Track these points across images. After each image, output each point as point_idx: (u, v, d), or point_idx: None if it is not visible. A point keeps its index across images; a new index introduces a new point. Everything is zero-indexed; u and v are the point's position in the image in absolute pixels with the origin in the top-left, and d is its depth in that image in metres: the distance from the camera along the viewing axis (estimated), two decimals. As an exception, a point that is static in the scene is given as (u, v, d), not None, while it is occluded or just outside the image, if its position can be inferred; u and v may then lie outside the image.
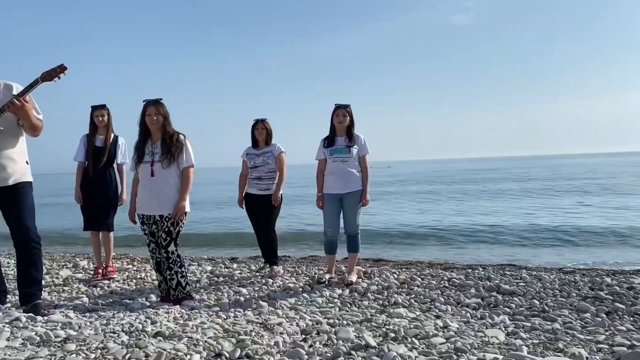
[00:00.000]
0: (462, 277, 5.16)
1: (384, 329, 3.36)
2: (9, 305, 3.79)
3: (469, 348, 2.95)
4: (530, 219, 12.67)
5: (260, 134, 5.66)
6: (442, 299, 4.36)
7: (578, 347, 2.97)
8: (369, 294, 4.58)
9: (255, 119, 5.73)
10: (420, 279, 5.13)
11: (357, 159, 5.05)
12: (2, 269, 3.83)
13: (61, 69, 3.57)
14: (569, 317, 3.70)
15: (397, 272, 5.58)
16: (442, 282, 5.01)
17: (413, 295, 4.53)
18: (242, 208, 5.80)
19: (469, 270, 5.64)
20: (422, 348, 2.97)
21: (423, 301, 4.34)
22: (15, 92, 3.55)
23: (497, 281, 4.93)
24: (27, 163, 3.75)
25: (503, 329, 3.44)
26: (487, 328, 3.47)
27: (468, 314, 3.89)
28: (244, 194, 5.74)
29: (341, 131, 5.07)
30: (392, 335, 3.19)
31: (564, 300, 4.17)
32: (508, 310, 3.97)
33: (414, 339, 3.11)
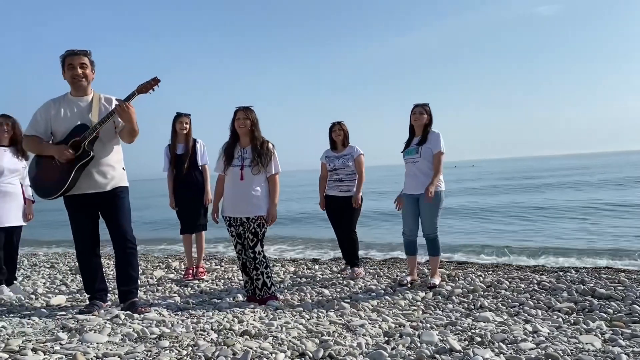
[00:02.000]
0: (553, 280, 4.92)
1: (470, 333, 3.27)
2: (109, 303, 4.06)
3: (561, 354, 2.81)
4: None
5: (338, 135, 5.70)
6: (532, 303, 4.17)
7: (686, 357, 2.74)
8: (454, 297, 4.48)
9: (332, 121, 5.79)
10: (507, 282, 4.94)
11: (431, 159, 4.90)
12: (102, 269, 4.10)
13: (155, 81, 3.77)
14: (675, 324, 3.42)
15: (483, 275, 5.41)
16: (532, 285, 4.80)
17: (500, 299, 4.38)
18: (323, 210, 5.87)
19: (561, 273, 5.36)
20: (510, 353, 2.86)
21: (511, 305, 4.18)
22: (114, 104, 3.79)
23: (592, 285, 4.66)
24: (124, 169, 4.00)
25: (599, 335, 3.24)
26: (581, 334, 3.28)
27: (560, 319, 3.70)
28: (324, 195, 5.81)
29: (419, 130, 4.99)
30: (478, 339, 3.10)
31: (669, 306, 3.86)
32: (605, 315, 3.74)
33: (501, 343, 3.01)
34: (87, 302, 3.97)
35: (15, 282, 5.03)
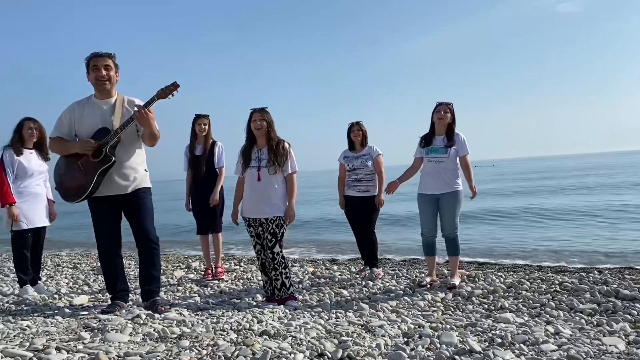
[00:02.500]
0: (575, 281, 4.85)
1: (490, 334, 3.24)
2: (130, 303, 4.12)
3: (584, 356, 2.77)
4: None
5: (357, 136, 5.69)
6: (553, 304, 4.12)
7: None
8: (474, 298, 4.44)
9: (351, 122, 5.79)
10: (528, 283, 4.89)
11: (455, 160, 4.91)
12: (124, 269, 4.16)
13: (174, 86, 3.80)
14: (702, 326, 3.35)
15: (504, 276, 5.36)
16: (553, 286, 4.73)
17: (521, 300, 4.33)
18: (343, 210, 5.87)
19: (583, 274, 5.29)
20: (532, 355, 2.82)
21: (532, 306, 4.13)
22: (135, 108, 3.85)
23: (615, 286, 4.58)
24: (146, 171, 4.04)
25: (623, 337, 3.18)
26: (604, 336, 3.23)
27: (582, 320, 3.64)
28: (343, 196, 5.82)
29: (441, 129, 4.95)
30: (499, 340, 3.07)
31: (696, 308, 3.78)
32: (629, 317, 3.66)
33: (522, 345, 2.97)
34: (109, 302, 4.02)
35: (39, 282, 5.12)
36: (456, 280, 4.91)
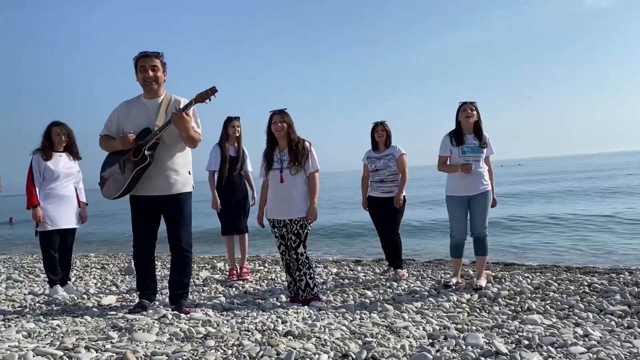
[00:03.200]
0: (604, 283, 4.74)
1: (517, 336, 3.19)
2: (156, 303, 4.17)
3: (614, 359, 2.71)
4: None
5: (380, 136, 5.67)
6: (582, 306, 4.04)
7: None
8: (500, 299, 4.39)
9: (375, 121, 5.77)
10: (556, 284, 4.80)
11: (483, 159, 4.90)
12: (155, 269, 4.21)
13: (212, 91, 3.80)
14: None
15: (531, 277, 5.27)
16: (582, 287, 4.64)
17: (549, 301, 4.26)
18: (366, 210, 5.85)
19: (613, 275, 5.17)
20: (560, 357, 2.78)
21: (560, 307, 4.07)
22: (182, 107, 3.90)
23: (647, 287, 4.47)
24: (190, 173, 4.06)
25: (655, 340, 3.11)
26: (635, 338, 3.16)
27: (612, 322, 3.57)
28: (367, 196, 5.80)
29: (468, 128, 4.90)
30: (526, 342, 3.03)
31: None
32: (661, 319, 3.58)
33: (550, 347, 2.92)
34: (136, 302, 4.08)
35: (69, 282, 5.22)
36: (482, 282, 4.85)
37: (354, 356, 2.75)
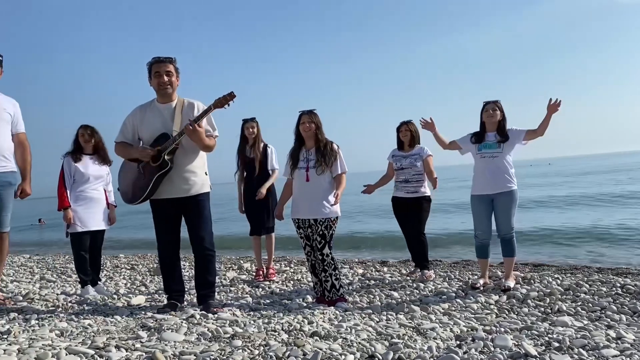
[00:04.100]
0: (638, 284, 4.63)
1: (546, 338, 3.13)
2: (185, 304, 4.22)
3: (649, 363, 2.64)
4: None
5: (405, 135, 5.64)
6: (615, 308, 3.95)
7: None
8: (529, 301, 4.31)
9: (401, 121, 5.74)
10: (587, 285, 4.70)
11: (508, 157, 4.80)
12: (181, 271, 4.27)
13: (230, 96, 3.85)
14: None
15: (561, 278, 5.18)
16: (614, 288, 4.53)
17: (579, 303, 4.17)
18: (366, 192, 5.81)
19: (647, 276, 5.04)
20: (591, 360, 2.72)
21: (591, 309, 3.98)
22: (196, 110, 3.94)
23: (683, 289, 4.34)
24: (206, 174, 4.12)
25: (692, 343, 3.02)
26: (671, 341, 3.07)
27: (647, 325, 3.48)
28: (392, 197, 5.77)
29: (491, 127, 4.85)
30: (556, 344, 2.97)
31: None
32: (698, 322, 3.48)
33: (581, 349, 2.86)
34: (165, 302, 4.14)
35: (99, 282, 5.32)
36: (511, 283, 4.78)
37: (381, 357, 2.74)
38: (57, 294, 5.16)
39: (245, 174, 5.81)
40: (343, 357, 2.69)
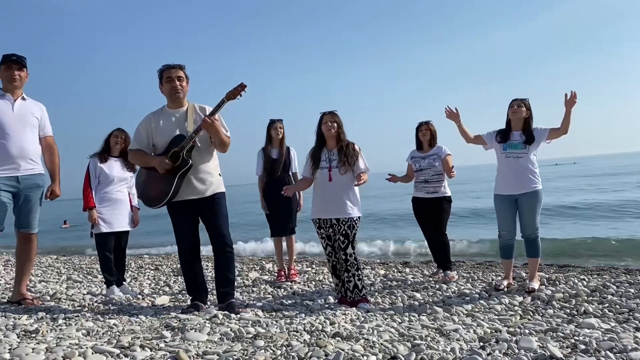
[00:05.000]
0: (667, 285, 4.52)
1: (572, 340, 3.08)
2: (209, 304, 4.26)
3: (679, 366, 2.58)
4: None
5: (424, 135, 5.61)
6: (644, 309, 3.87)
7: None
8: (554, 302, 4.25)
9: (420, 121, 5.71)
10: (615, 287, 4.61)
11: (533, 157, 4.74)
12: (203, 271, 4.30)
13: (242, 87, 3.94)
14: None
15: (587, 279, 5.09)
16: (643, 290, 4.44)
17: (606, 305, 4.10)
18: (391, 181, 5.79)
19: (677, 278, 4.92)
20: (619, 363, 2.67)
21: (619, 311, 3.90)
22: (208, 112, 4.00)
23: None
24: (220, 175, 4.18)
25: None
26: (702, 344, 2.99)
27: (677, 328, 3.39)
28: (412, 198, 5.75)
29: (517, 125, 4.78)
30: (582, 347, 2.92)
31: None
32: None
33: (608, 352, 2.81)
34: (189, 303, 4.18)
35: (124, 283, 5.39)
36: (535, 284, 4.71)
37: (403, 358, 2.73)
38: (84, 294, 5.25)
39: (268, 174, 5.82)
40: (365, 358, 2.68)
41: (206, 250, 4.34)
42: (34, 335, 3.09)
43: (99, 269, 5.92)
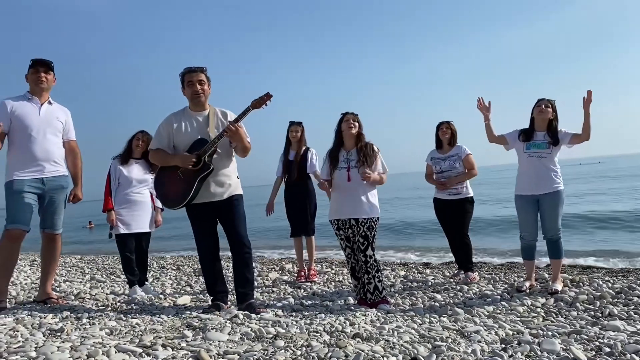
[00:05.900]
0: (696, 288, 4.42)
1: (597, 343, 3.03)
2: (229, 304, 4.29)
3: None
4: None
5: (445, 134, 5.58)
6: (671, 312, 3.78)
7: None
8: (578, 304, 4.18)
9: (440, 121, 5.68)
10: (640, 289, 4.52)
11: (556, 158, 4.68)
12: (223, 272, 4.34)
13: (267, 96, 3.99)
14: None
15: (612, 281, 5.00)
16: (670, 292, 4.34)
17: (632, 307, 4.01)
18: (443, 188, 5.70)
19: None
20: (645, 366, 2.62)
21: (645, 314, 3.82)
22: (230, 118, 4.05)
23: None
24: (238, 178, 4.23)
25: None
26: None
27: None
28: (433, 199, 5.71)
29: (541, 125, 4.72)
30: (607, 350, 2.87)
31: None
32: None
33: (634, 355, 2.76)
34: (210, 303, 4.22)
35: (146, 283, 5.46)
36: (558, 285, 4.64)
37: (423, 360, 2.72)
38: (107, 294, 5.33)
39: (286, 175, 5.91)
40: (385, 359, 2.67)
41: (226, 250, 4.37)
42: (59, 334, 3.15)
43: (122, 270, 6.00)
